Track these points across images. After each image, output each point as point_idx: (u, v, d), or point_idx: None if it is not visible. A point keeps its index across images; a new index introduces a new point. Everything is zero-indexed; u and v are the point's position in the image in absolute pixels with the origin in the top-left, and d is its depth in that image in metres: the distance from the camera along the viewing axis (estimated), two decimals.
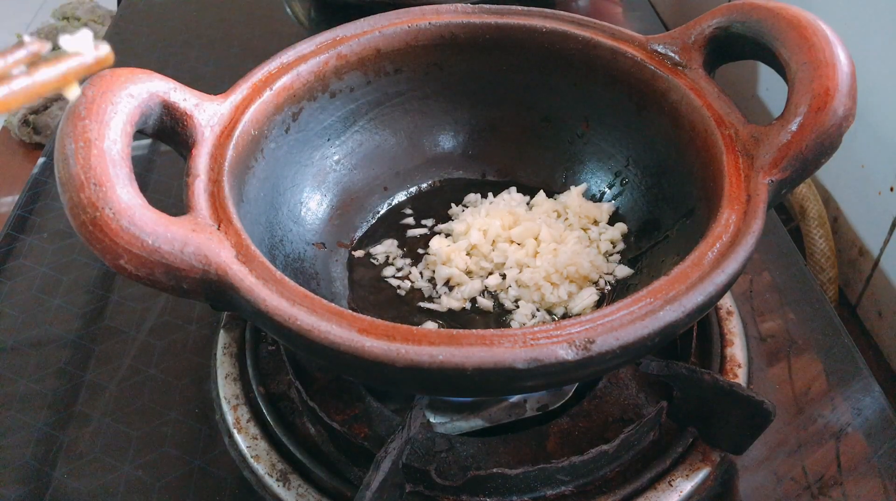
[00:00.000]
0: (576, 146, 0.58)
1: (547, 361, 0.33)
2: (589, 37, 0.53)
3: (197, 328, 0.57)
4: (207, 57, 0.90)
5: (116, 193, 0.34)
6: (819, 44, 0.41)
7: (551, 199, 0.58)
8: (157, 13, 0.99)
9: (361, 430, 0.47)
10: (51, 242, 0.65)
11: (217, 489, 0.47)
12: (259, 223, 0.47)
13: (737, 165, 0.42)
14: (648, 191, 0.54)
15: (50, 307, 0.59)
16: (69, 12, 1.56)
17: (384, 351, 0.34)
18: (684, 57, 0.49)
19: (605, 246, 0.54)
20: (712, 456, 0.46)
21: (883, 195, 0.67)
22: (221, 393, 0.51)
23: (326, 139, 0.55)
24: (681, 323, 0.35)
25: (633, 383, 0.49)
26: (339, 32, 0.54)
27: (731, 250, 0.38)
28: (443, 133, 0.61)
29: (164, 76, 0.42)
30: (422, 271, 0.55)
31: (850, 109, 0.40)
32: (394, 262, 0.55)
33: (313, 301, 0.36)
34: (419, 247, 0.56)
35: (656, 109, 0.51)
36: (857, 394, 0.51)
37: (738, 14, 0.46)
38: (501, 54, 0.56)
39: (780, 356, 0.54)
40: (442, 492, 0.44)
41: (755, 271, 0.60)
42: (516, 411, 0.48)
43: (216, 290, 0.37)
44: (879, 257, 0.68)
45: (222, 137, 0.45)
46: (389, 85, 0.56)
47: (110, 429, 0.51)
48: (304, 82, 0.51)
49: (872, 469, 0.47)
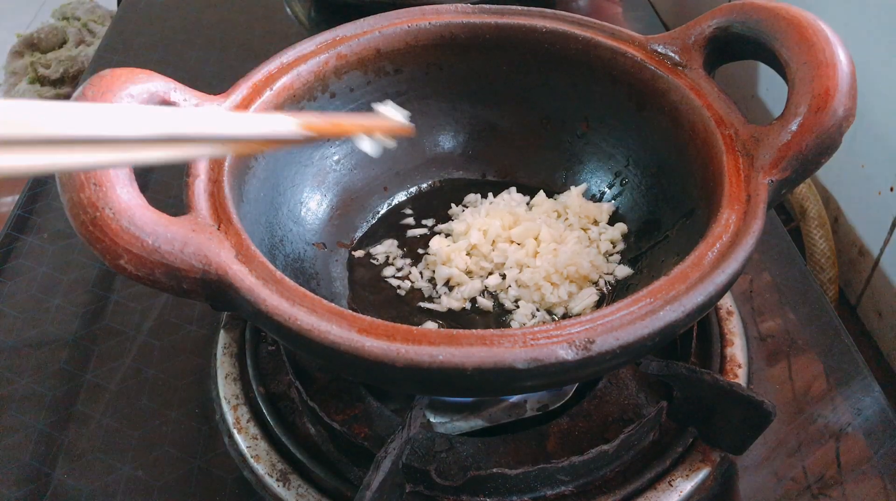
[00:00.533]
0: (576, 146, 0.58)
1: (547, 361, 0.33)
2: (589, 37, 0.53)
3: (197, 328, 0.57)
4: (207, 57, 0.90)
5: (116, 193, 0.34)
6: (819, 44, 0.41)
7: (551, 199, 0.58)
8: (157, 13, 0.99)
9: (361, 430, 0.47)
10: (51, 242, 0.65)
11: (217, 489, 0.47)
12: (259, 223, 0.47)
13: (737, 165, 0.42)
14: (648, 191, 0.54)
15: (50, 307, 0.59)
16: (69, 12, 1.56)
17: (384, 351, 0.34)
18: (684, 57, 0.49)
19: (605, 246, 0.54)
20: (712, 456, 0.46)
21: (883, 195, 0.67)
22: (221, 393, 0.51)
23: (326, 139, 0.55)
24: (681, 323, 0.35)
25: (633, 383, 0.49)
26: (339, 32, 0.54)
27: (731, 250, 0.38)
28: (443, 133, 0.61)
29: (165, 76, 0.42)
30: (422, 271, 0.55)
31: (850, 109, 0.40)
32: (394, 262, 0.56)
33: (313, 301, 0.36)
34: (419, 247, 0.56)
35: (656, 109, 0.51)
36: (857, 394, 0.51)
37: (738, 14, 0.46)
38: (501, 54, 0.56)
39: (780, 356, 0.54)
40: (442, 492, 0.44)
41: (755, 271, 0.60)
42: (516, 411, 0.48)
43: (216, 290, 0.37)
44: (879, 257, 0.68)
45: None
46: (389, 85, 0.56)
47: (110, 429, 0.51)
48: (304, 82, 0.51)
49: (872, 469, 0.47)
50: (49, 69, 1.42)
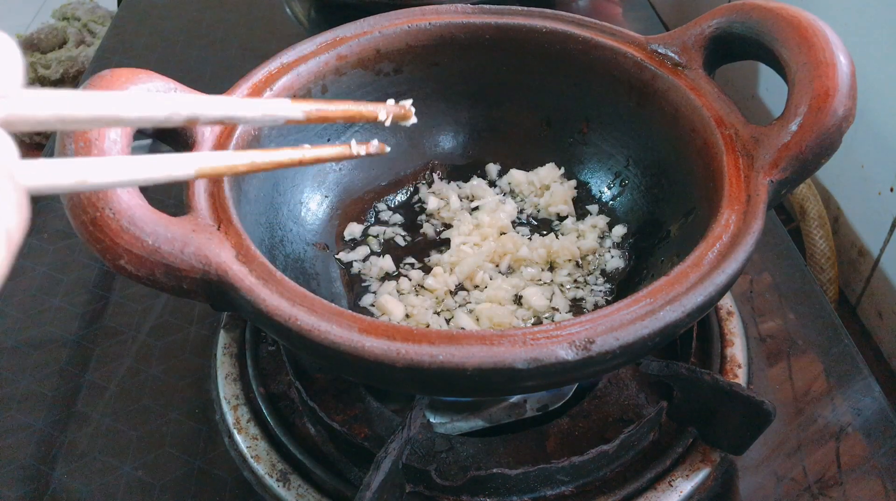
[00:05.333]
0: (576, 147, 0.58)
1: (547, 361, 0.33)
2: (589, 37, 0.53)
3: (197, 328, 0.57)
4: (207, 57, 0.90)
5: (117, 193, 0.34)
6: (819, 44, 0.41)
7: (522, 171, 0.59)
8: (157, 13, 0.99)
9: (361, 430, 0.47)
10: (51, 242, 0.65)
11: (217, 489, 0.47)
12: (259, 224, 0.47)
13: (737, 166, 0.42)
14: (648, 191, 0.54)
15: (50, 307, 0.59)
16: (69, 13, 1.56)
17: (384, 351, 0.34)
18: (684, 57, 0.49)
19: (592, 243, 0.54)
20: (712, 456, 0.46)
21: (883, 195, 0.67)
22: (221, 393, 0.51)
23: (326, 139, 0.55)
24: (681, 323, 0.35)
25: (633, 383, 0.49)
26: (339, 33, 0.54)
27: (731, 250, 0.38)
28: (443, 133, 0.61)
29: (165, 76, 0.42)
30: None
31: (850, 110, 0.40)
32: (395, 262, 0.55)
33: (313, 301, 0.36)
34: (419, 248, 0.56)
35: (656, 110, 0.51)
36: (857, 394, 0.51)
37: (738, 14, 0.46)
38: (501, 54, 0.56)
39: (780, 356, 0.54)
40: (442, 492, 0.44)
41: (755, 272, 0.60)
42: (516, 411, 0.48)
43: (216, 290, 0.37)
44: (879, 257, 0.68)
45: (222, 137, 0.45)
46: (389, 85, 0.56)
47: (110, 429, 0.51)
48: (304, 82, 0.51)
49: (872, 469, 0.47)
50: (49, 70, 1.42)
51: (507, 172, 0.60)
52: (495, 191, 0.59)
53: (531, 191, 0.59)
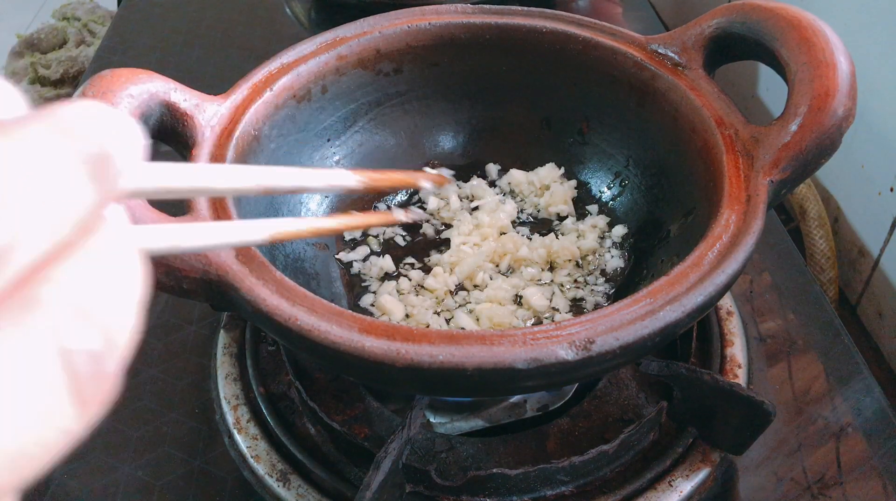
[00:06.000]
0: (576, 147, 0.58)
1: (547, 361, 0.33)
2: (589, 37, 0.53)
3: (197, 328, 0.57)
4: (207, 57, 0.90)
5: None
6: (819, 44, 0.41)
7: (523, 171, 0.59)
8: (157, 13, 0.99)
9: (361, 430, 0.47)
10: None
11: (217, 489, 0.47)
12: None
13: (737, 166, 0.42)
14: (648, 191, 0.54)
15: None
16: (69, 13, 1.56)
17: (384, 351, 0.34)
18: (684, 57, 0.49)
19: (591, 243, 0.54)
20: (712, 456, 0.46)
21: (883, 196, 0.67)
22: (221, 393, 0.51)
23: (326, 139, 0.55)
24: (681, 323, 0.35)
25: (633, 383, 0.49)
26: (339, 33, 0.54)
27: (731, 250, 0.38)
28: (443, 133, 0.61)
29: (165, 76, 0.42)
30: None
31: (850, 110, 0.40)
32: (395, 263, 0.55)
33: (313, 301, 0.36)
34: (419, 248, 0.56)
35: (656, 110, 0.51)
36: (857, 394, 0.51)
37: (738, 14, 0.46)
38: (501, 54, 0.56)
39: (780, 356, 0.54)
40: (442, 493, 0.44)
41: (755, 272, 0.60)
42: (516, 411, 0.48)
43: (216, 290, 0.37)
44: (879, 257, 0.68)
45: (223, 137, 0.45)
46: (389, 85, 0.56)
47: (110, 429, 0.51)
48: (304, 82, 0.51)
49: (872, 469, 0.47)
50: (49, 70, 1.42)
51: (507, 172, 0.60)
52: (495, 191, 0.59)
53: (531, 191, 0.59)
